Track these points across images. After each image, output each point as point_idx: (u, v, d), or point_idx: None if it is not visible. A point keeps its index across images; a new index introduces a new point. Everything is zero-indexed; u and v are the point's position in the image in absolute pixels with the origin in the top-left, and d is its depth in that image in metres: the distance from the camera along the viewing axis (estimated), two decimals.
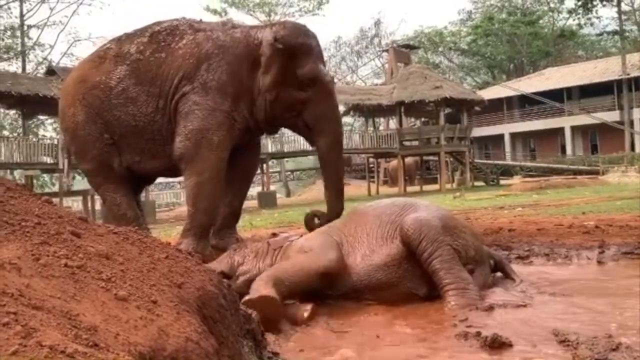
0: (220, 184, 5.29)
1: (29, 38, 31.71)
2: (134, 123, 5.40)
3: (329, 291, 3.59)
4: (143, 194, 9.02)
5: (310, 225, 5.05)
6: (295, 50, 5.13)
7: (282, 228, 9.04)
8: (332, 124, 5.37)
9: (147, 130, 5.40)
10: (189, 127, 5.17)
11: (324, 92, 5.28)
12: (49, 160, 19.41)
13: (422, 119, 31.07)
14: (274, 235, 4.20)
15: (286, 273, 3.48)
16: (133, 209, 5.76)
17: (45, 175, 25.84)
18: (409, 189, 25.37)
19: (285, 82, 5.17)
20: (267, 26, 5.47)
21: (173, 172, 5.69)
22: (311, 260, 3.54)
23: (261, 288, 3.28)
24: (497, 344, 2.51)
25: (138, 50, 5.43)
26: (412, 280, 3.53)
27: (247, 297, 3.07)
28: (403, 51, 31.80)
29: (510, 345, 2.52)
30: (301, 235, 4.09)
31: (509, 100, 35.29)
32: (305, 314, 3.27)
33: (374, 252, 3.60)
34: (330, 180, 5.43)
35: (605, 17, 39.09)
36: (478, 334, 2.62)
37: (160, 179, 8.24)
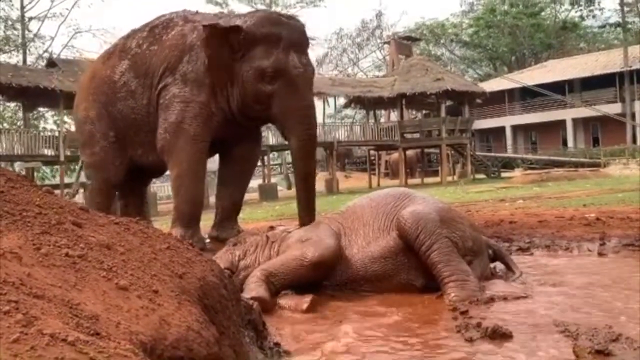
0: (200, 174, 5.34)
1: (29, 30, 31.62)
2: (133, 116, 5.54)
3: (326, 282, 3.61)
4: None
5: None
6: (259, 40, 4.91)
7: (283, 221, 9.05)
8: (299, 122, 4.90)
9: (144, 123, 5.52)
10: (167, 120, 5.23)
11: (290, 86, 4.89)
12: (50, 152, 19.39)
13: (424, 111, 31.01)
14: (272, 228, 4.20)
15: (280, 266, 3.51)
16: (101, 196, 5.89)
17: (45, 167, 25.81)
18: (410, 181, 25.36)
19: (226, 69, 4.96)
20: (241, 16, 5.33)
21: None
22: (305, 250, 3.55)
23: (252, 287, 3.32)
24: (497, 335, 2.52)
25: (137, 45, 5.56)
26: (408, 272, 3.54)
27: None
28: (404, 43, 31.69)
29: (510, 336, 2.52)
30: (299, 227, 4.11)
31: (510, 92, 35.18)
32: (305, 305, 3.28)
33: (371, 243, 3.61)
34: (299, 187, 5.00)
35: (608, 9, 38.99)
36: (478, 325, 2.63)
37: None
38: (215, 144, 5.39)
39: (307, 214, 4.77)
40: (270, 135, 22.57)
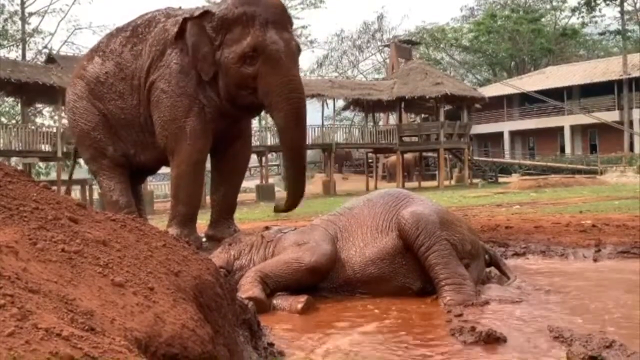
0: (198, 176, 5.33)
1: (28, 24, 31.55)
2: (123, 116, 5.55)
3: (322, 284, 3.61)
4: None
5: (278, 209, 5.63)
6: (233, 23, 4.81)
7: (280, 221, 9.05)
8: (282, 96, 4.74)
9: (135, 123, 5.51)
10: (162, 118, 5.20)
11: (270, 62, 4.73)
12: (47, 148, 19.36)
13: (422, 115, 31.07)
14: (267, 228, 4.20)
15: (276, 268, 3.51)
16: (125, 195, 5.81)
17: (40, 163, 25.74)
18: (408, 184, 25.36)
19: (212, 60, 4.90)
20: (219, 4, 5.21)
21: (168, 163, 5.72)
22: (302, 255, 3.55)
23: (248, 287, 3.32)
24: (491, 339, 2.52)
25: (121, 45, 5.55)
26: (405, 275, 3.53)
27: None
28: (404, 47, 31.73)
29: (504, 340, 2.53)
30: (295, 228, 4.10)
31: (509, 98, 35.23)
32: (300, 306, 3.29)
33: (368, 245, 3.60)
34: (288, 164, 5.17)
35: (608, 16, 39.06)
36: (473, 329, 2.63)
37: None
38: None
39: (293, 195, 5.09)
40: (268, 136, 22.57)
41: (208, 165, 5.93)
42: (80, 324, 1.17)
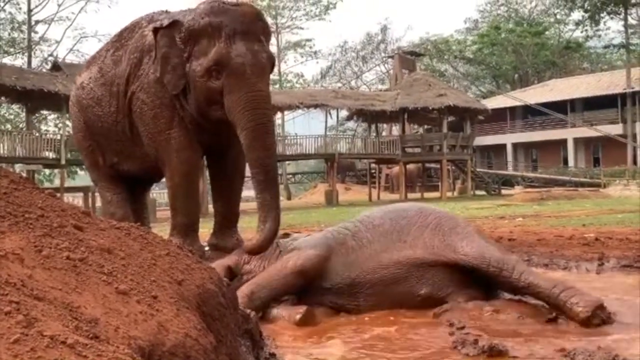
0: (191, 186, 5.25)
1: (35, 32, 31.76)
2: (100, 124, 5.47)
3: (329, 284, 3.60)
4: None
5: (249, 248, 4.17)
6: (200, 34, 4.61)
7: (282, 230, 9.04)
8: (244, 111, 4.41)
9: (112, 131, 5.41)
10: (147, 130, 5.10)
11: (234, 77, 4.45)
12: (51, 155, 19.43)
13: (425, 126, 31.09)
14: (286, 235, 4.20)
15: (264, 279, 3.58)
16: (123, 207, 5.77)
17: (46, 170, 25.82)
18: (410, 195, 25.36)
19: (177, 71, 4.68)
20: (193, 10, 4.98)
21: (154, 173, 5.62)
22: (286, 260, 3.62)
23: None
24: (494, 352, 2.52)
25: (106, 50, 5.50)
26: (417, 282, 3.54)
27: None
28: (408, 58, 31.83)
29: (507, 353, 2.52)
30: (308, 236, 4.13)
31: (512, 110, 35.27)
32: (298, 317, 3.29)
33: (387, 251, 3.61)
34: (258, 189, 4.36)
35: (612, 30, 39.13)
36: (475, 341, 2.63)
37: None
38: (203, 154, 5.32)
39: (267, 228, 4.08)
40: None
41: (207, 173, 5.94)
42: (84, 331, 1.17)
